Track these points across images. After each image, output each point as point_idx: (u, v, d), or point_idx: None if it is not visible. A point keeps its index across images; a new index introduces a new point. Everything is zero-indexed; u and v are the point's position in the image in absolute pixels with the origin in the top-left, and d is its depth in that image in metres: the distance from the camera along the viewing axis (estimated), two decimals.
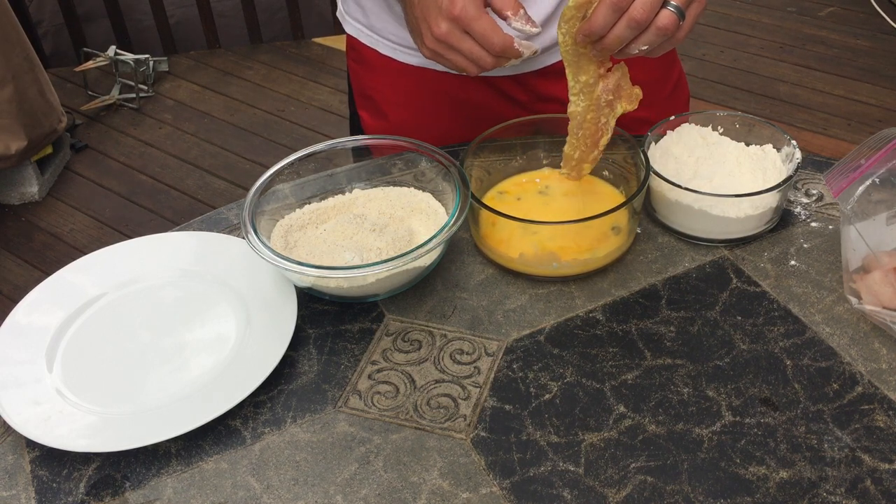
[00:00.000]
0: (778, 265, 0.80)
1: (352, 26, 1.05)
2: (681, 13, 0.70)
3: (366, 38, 1.03)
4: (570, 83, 0.75)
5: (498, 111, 1.02)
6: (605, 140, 0.78)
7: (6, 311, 0.78)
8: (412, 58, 1.01)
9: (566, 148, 0.79)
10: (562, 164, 0.81)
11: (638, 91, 0.76)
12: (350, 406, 0.70)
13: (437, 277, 0.81)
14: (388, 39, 1.01)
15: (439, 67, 1.00)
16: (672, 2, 0.69)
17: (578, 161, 0.80)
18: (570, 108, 0.76)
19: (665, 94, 1.09)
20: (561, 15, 0.71)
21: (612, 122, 0.77)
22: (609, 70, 0.75)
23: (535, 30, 0.74)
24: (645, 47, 0.71)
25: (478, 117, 1.03)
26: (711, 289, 0.78)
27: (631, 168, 0.84)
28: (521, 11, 0.73)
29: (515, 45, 0.74)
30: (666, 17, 0.69)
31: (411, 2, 0.78)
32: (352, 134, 1.19)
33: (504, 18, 0.73)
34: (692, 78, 2.88)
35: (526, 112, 1.02)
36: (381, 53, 1.02)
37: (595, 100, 0.75)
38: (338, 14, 1.08)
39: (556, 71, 1.01)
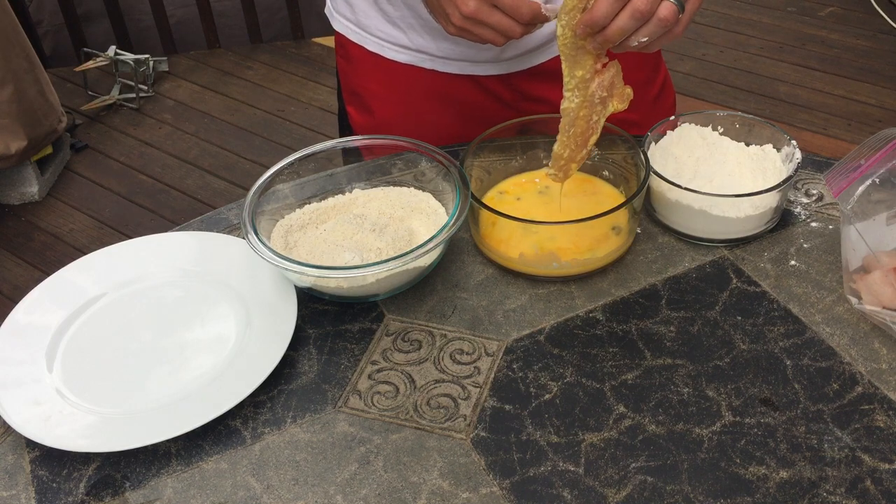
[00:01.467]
0: (778, 265, 0.80)
1: (340, 23, 1.05)
2: (681, 5, 0.70)
3: (353, 34, 1.04)
4: (566, 78, 0.74)
5: (484, 109, 1.03)
6: (593, 139, 0.77)
7: (6, 311, 0.78)
8: (399, 55, 1.01)
9: (556, 147, 0.78)
10: (550, 164, 0.80)
11: (629, 91, 0.76)
12: (350, 406, 0.70)
13: (437, 277, 0.81)
14: (376, 36, 1.01)
15: (426, 65, 1.00)
16: None
17: (567, 160, 0.78)
18: (564, 105, 0.75)
19: (651, 97, 1.09)
20: (562, 6, 0.70)
21: (602, 122, 0.77)
22: (604, 66, 0.74)
23: None
24: (644, 39, 0.71)
25: (464, 114, 1.04)
26: (711, 289, 0.78)
27: (631, 168, 0.84)
28: None
29: (543, 10, 0.75)
30: (667, 8, 0.69)
31: None
32: (341, 129, 1.20)
33: None
34: (692, 78, 2.89)
35: (511, 111, 1.02)
36: (368, 50, 1.03)
37: (589, 96, 0.75)
38: (326, 11, 1.09)
39: (543, 72, 1.01)
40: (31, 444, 0.69)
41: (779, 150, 0.84)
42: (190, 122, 2.80)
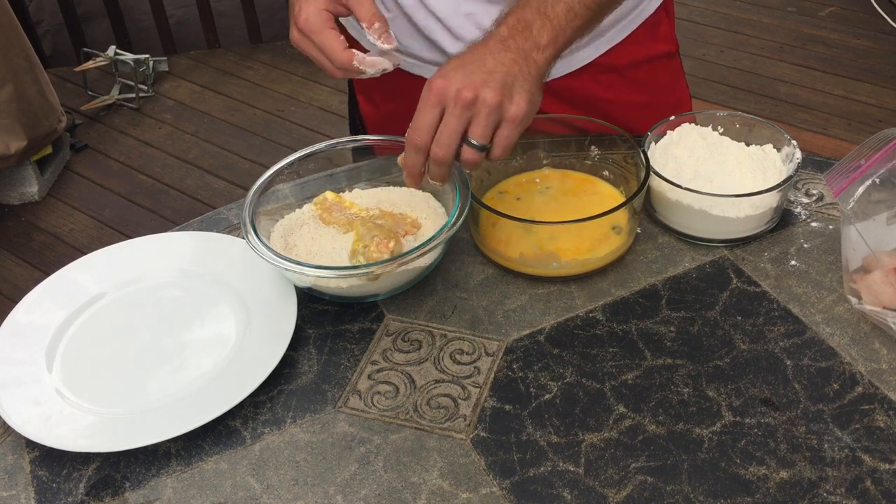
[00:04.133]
0: (778, 265, 0.80)
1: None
2: (482, 148, 0.71)
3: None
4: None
5: None
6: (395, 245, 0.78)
7: (6, 311, 0.78)
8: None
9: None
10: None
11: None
12: (350, 406, 0.70)
13: (437, 277, 0.81)
14: None
15: (426, 74, 1.00)
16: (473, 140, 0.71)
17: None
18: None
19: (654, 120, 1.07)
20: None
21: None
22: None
23: (387, 46, 0.75)
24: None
25: None
26: (711, 289, 0.78)
27: (631, 168, 0.84)
28: (377, 25, 0.74)
29: (355, 62, 0.75)
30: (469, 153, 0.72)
31: None
32: (350, 117, 1.20)
33: (362, 28, 0.75)
34: (692, 78, 2.87)
35: None
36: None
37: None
38: None
39: (547, 89, 1.00)
40: (30, 444, 0.69)
41: (779, 150, 0.84)
42: (190, 122, 2.80)
